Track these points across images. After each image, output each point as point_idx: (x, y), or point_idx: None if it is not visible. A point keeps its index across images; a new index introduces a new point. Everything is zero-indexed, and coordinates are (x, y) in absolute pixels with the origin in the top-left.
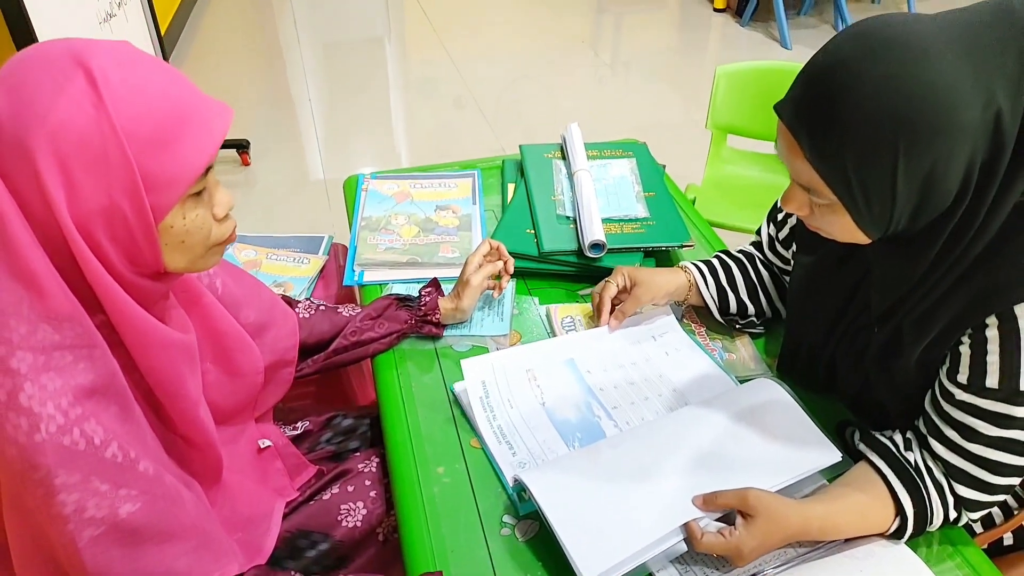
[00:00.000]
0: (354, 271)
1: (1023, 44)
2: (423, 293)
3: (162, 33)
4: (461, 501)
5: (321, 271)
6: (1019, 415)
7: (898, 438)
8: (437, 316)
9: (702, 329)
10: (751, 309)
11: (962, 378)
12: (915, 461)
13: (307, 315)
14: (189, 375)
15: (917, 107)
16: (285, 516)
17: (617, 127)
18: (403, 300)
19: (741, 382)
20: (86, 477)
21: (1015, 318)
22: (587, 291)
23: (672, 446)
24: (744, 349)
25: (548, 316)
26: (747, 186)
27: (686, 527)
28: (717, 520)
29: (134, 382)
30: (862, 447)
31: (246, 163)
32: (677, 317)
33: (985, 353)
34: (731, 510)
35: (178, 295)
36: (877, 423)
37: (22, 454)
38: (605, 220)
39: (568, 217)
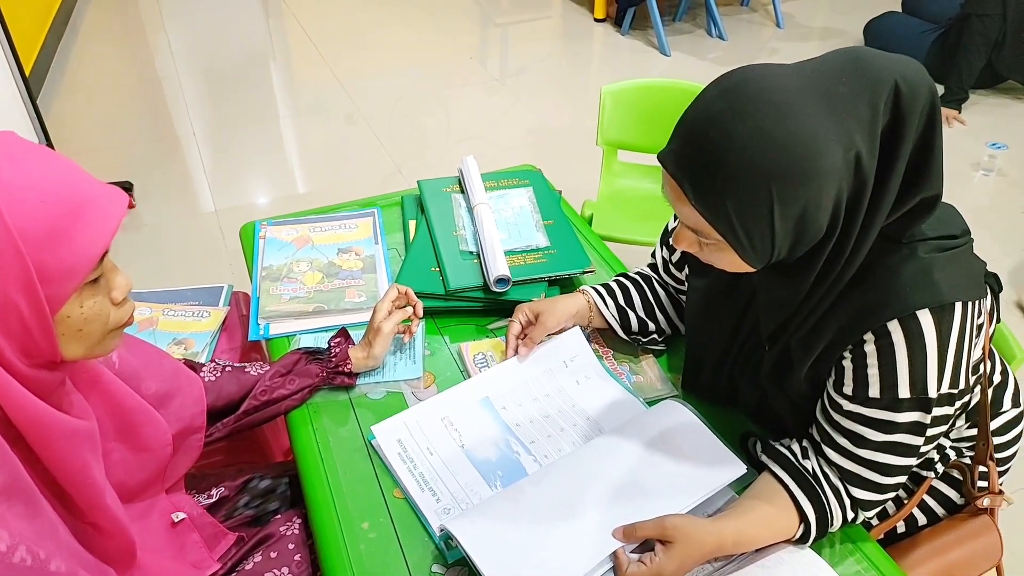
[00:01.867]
0: (259, 325)
1: (873, 91)
2: (332, 344)
3: (27, 75)
4: (389, 556)
5: (223, 323)
6: (901, 420)
7: (796, 447)
8: (349, 366)
9: (609, 353)
10: (651, 327)
11: (847, 390)
12: (812, 468)
13: (213, 378)
14: (93, 462)
15: (785, 157)
16: None
17: (509, 138)
18: (313, 353)
19: (650, 404)
20: None
21: (889, 333)
22: (497, 325)
23: (590, 478)
24: (650, 370)
25: (460, 354)
26: (640, 198)
27: (614, 557)
28: (637, 548)
29: (38, 475)
30: (764, 458)
31: (131, 206)
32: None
33: (866, 367)
34: (650, 539)
35: (75, 378)
36: (776, 432)
37: None
38: (508, 252)
39: (471, 252)
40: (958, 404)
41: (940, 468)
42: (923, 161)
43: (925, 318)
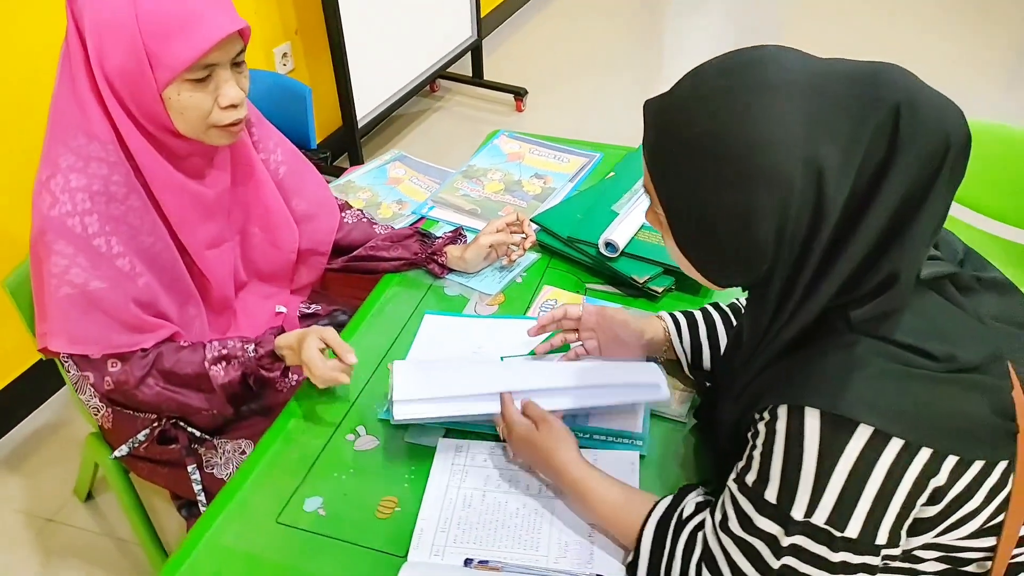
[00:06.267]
0: (428, 202)
1: (866, 106)
2: (444, 236)
3: None
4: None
5: None
6: (758, 523)
7: (700, 498)
8: (443, 258)
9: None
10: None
11: (739, 465)
12: (687, 522)
13: (350, 221)
14: (199, 222)
15: (727, 144)
16: None
17: None
18: (424, 235)
19: (656, 417)
20: (76, 252)
21: (777, 418)
22: (594, 287)
23: (528, 368)
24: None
25: (537, 290)
26: None
27: (502, 401)
28: None
29: (162, 215)
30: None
31: (520, 109)
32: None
33: (754, 447)
34: (530, 419)
35: (234, 166)
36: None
37: (41, 222)
38: (644, 227)
39: (617, 214)
40: (866, 559)
41: None
42: (905, 222)
43: (811, 420)
